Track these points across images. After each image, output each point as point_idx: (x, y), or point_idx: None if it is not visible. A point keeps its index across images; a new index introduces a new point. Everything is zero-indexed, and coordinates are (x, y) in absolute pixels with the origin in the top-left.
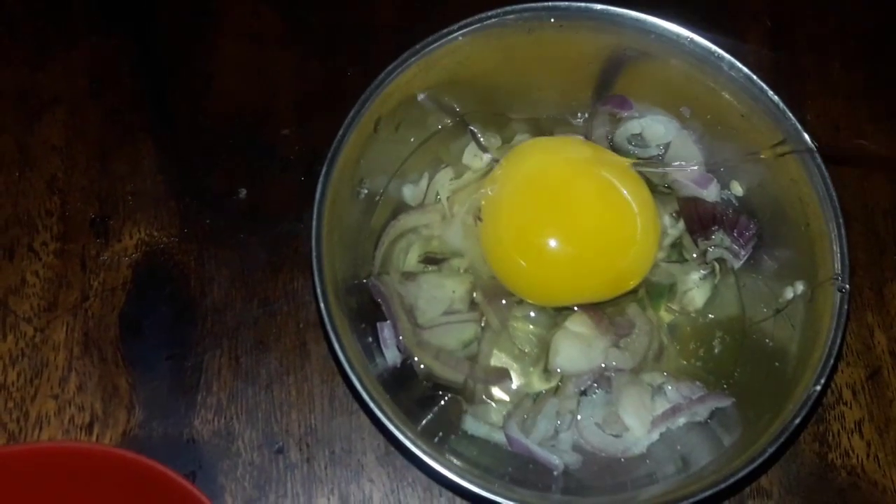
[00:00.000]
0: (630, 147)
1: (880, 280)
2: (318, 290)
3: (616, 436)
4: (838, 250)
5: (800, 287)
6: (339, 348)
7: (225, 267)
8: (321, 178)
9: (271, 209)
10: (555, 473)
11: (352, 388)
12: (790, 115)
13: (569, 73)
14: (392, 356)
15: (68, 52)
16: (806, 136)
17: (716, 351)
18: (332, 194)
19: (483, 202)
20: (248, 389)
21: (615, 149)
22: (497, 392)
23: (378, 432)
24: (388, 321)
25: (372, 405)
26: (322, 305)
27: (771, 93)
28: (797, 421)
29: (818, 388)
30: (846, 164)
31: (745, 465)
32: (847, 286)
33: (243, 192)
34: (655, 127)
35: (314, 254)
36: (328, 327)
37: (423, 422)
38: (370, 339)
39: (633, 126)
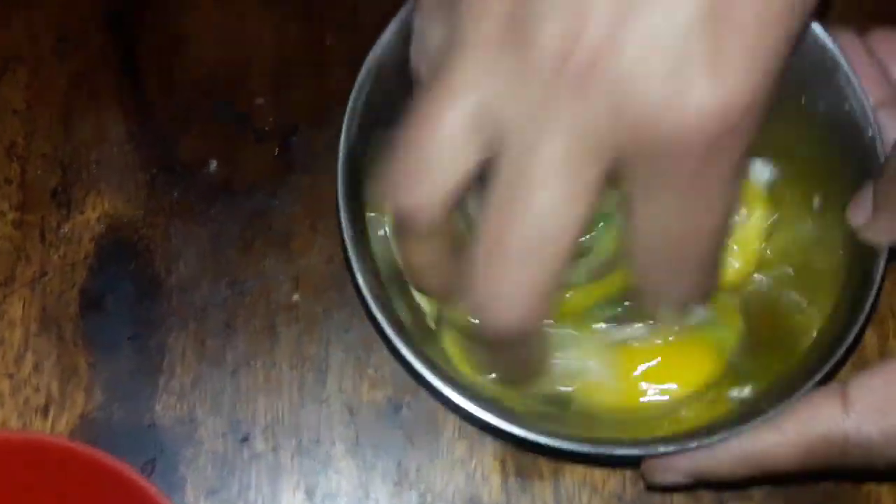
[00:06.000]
0: None
1: None
2: None
3: None
4: None
5: None
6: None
7: (193, 243)
8: None
9: (243, 183)
10: None
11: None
12: None
13: None
14: None
15: (32, 9)
16: None
17: None
18: None
19: None
20: (213, 374)
21: None
22: None
23: (350, 422)
24: None
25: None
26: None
27: None
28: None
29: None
30: None
31: None
32: None
33: (214, 165)
34: None
35: None
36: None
37: None
38: None
39: None
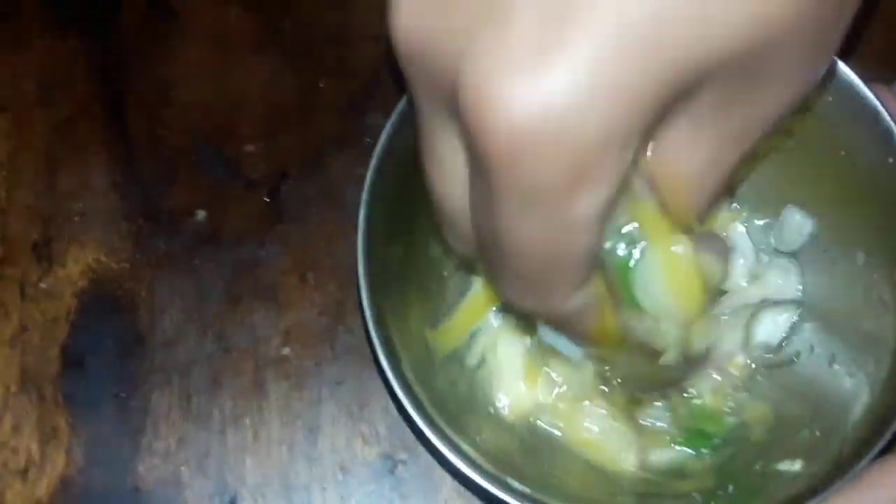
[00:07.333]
0: None
1: None
2: None
3: None
4: None
5: None
6: None
7: (178, 296)
8: None
9: (231, 233)
10: None
11: None
12: None
13: None
14: None
15: (16, 55)
16: None
17: None
18: None
19: None
20: (199, 433)
21: None
22: None
23: (343, 481)
24: None
25: None
26: None
27: None
28: None
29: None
30: None
31: None
32: None
33: (202, 214)
34: None
35: None
36: None
37: None
38: None
39: None
